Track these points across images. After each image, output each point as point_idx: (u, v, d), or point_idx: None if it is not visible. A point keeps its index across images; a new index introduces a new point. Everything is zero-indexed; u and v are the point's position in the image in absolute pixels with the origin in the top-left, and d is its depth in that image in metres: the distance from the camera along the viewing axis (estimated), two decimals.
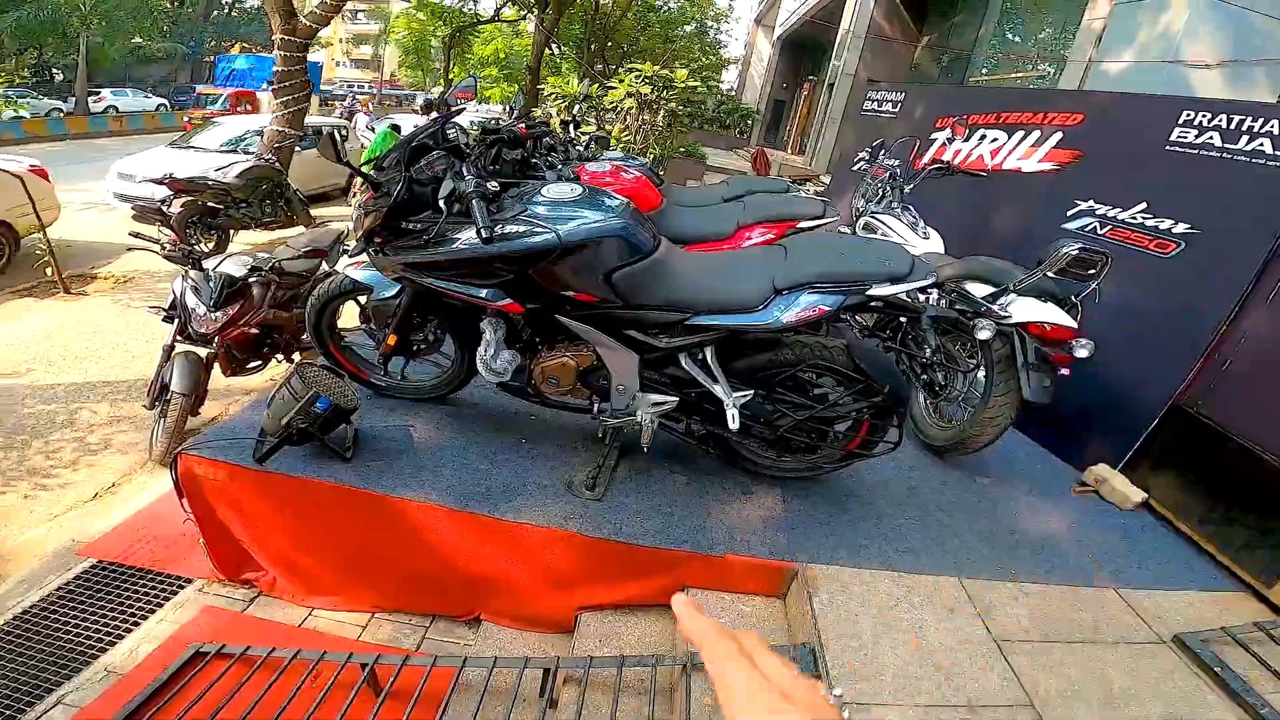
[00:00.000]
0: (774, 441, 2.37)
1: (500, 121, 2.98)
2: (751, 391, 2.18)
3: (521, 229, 1.96)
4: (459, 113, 2.17)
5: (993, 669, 1.92)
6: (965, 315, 2.70)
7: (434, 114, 2.24)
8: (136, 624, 2.52)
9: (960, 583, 2.25)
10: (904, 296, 1.99)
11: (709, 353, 2.13)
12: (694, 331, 2.07)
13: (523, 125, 2.92)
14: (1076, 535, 2.65)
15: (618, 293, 2.01)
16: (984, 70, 11.20)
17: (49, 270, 5.92)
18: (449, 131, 2.20)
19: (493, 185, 2.02)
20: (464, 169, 1.99)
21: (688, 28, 23.62)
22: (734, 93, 27.21)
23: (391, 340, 2.44)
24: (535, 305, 2.12)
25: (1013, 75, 10.60)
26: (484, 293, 2.08)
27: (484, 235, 1.79)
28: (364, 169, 2.12)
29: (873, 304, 2.01)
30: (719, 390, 2.14)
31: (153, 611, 2.58)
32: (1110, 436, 3.02)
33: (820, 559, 2.24)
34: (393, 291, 2.35)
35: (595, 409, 2.29)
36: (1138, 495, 2.83)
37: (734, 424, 2.13)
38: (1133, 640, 2.11)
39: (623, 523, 2.29)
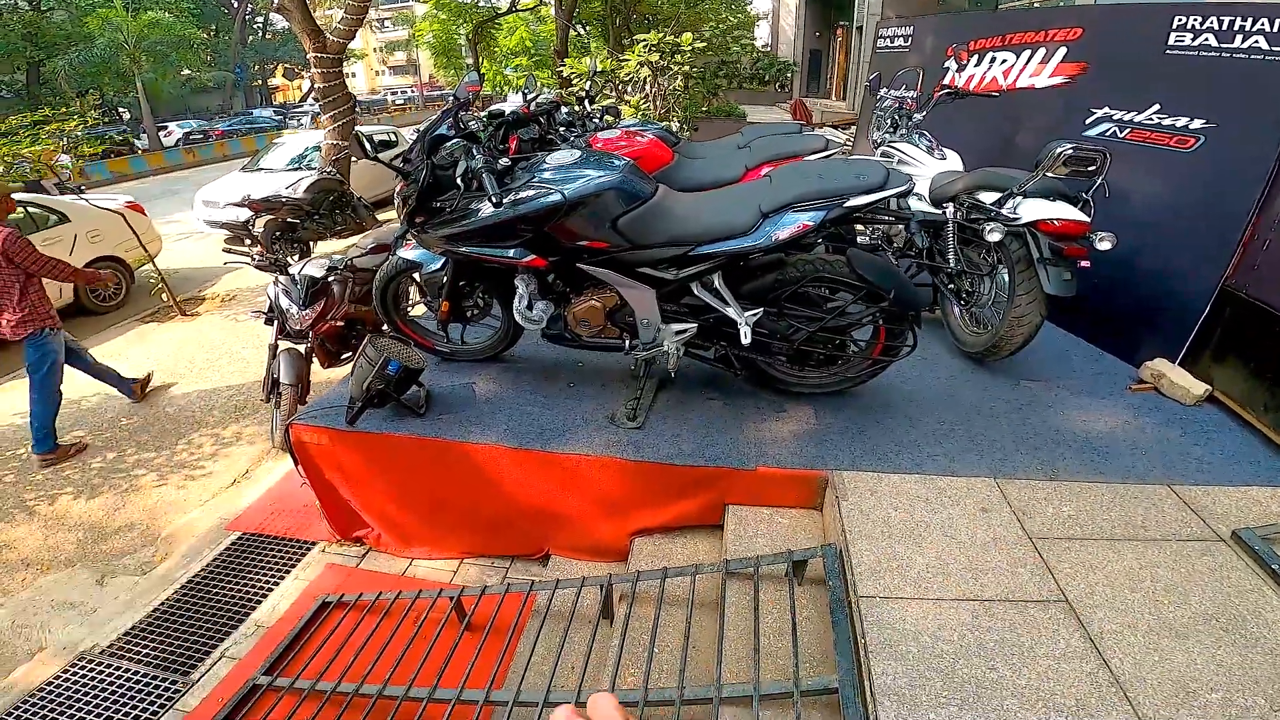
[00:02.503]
0: (795, 356, 2.54)
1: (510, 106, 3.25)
2: (761, 310, 2.38)
3: (532, 193, 2.26)
4: (467, 104, 2.46)
5: (1024, 565, 1.87)
6: (978, 222, 2.77)
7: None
8: (276, 584, 2.98)
9: (995, 483, 2.24)
10: (893, 206, 2.13)
11: (717, 279, 2.35)
12: (698, 261, 2.30)
13: (525, 105, 3.19)
14: (1130, 433, 2.58)
15: (625, 237, 2.27)
16: None
17: (164, 296, 6.66)
18: (469, 122, 2.50)
19: (504, 161, 2.32)
20: (475, 150, 2.28)
21: None
22: (768, 48, 26.39)
23: (445, 307, 2.79)
24: (557, 258, 2.40)
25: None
26: (511, 252, 2.39)
27: (494, 202, 2.09)
28: (394, 162, 2.44)
29: (855, 215, 2.17)
30: (731, 311, 2.36)
31: (288, 572, 3.05)
32: (1165, 330, 2.97)
33: (852, 467, 2.34)
34: (439, 264, 2.70)
35: (627, 345, 2.55)
36: (1200, 388, 2.72)
37: (746, 339, 2.34)
38: (1184, 537, 2.00)
39: (662, 447, 2.51)
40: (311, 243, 7.67)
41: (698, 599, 2.08)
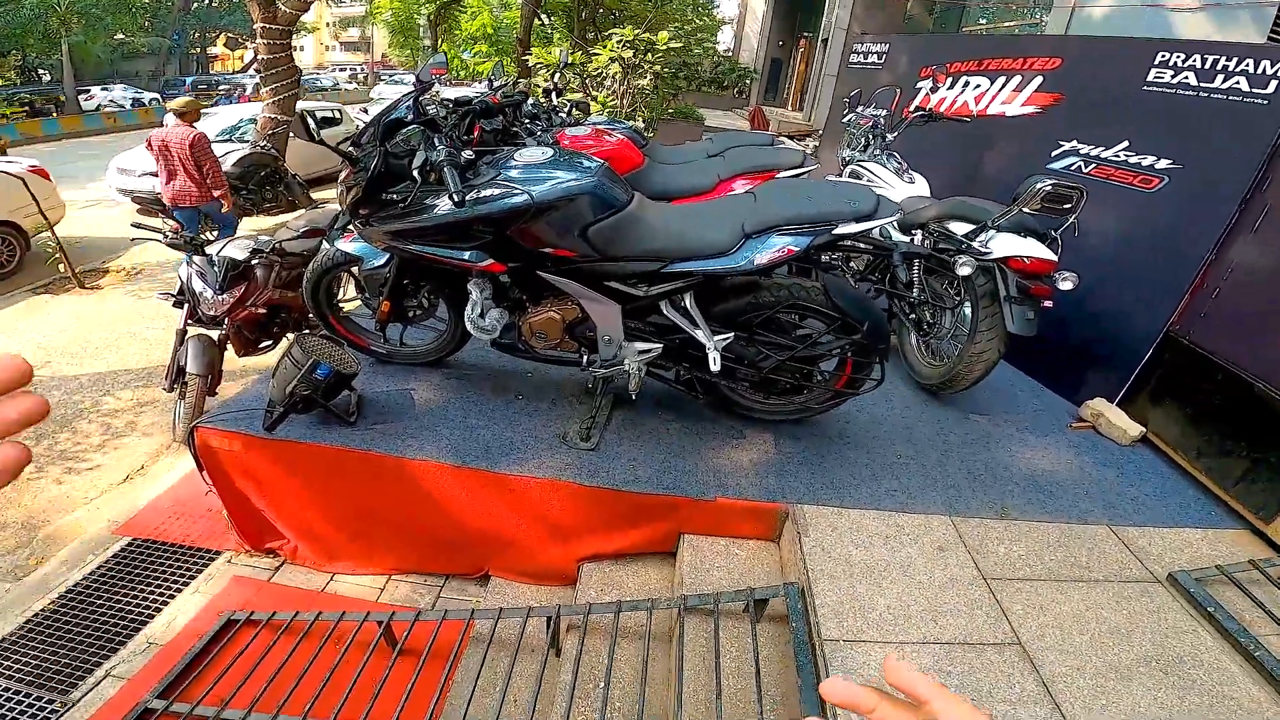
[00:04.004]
0: (760, 383, 2.44)
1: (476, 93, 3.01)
2: (732, 334, 2.25)
3: (497, 192, 2.04)
4: (429, 87, 2.22)
5: (980, 606, 1.92)
6: (948, 253, 2.73)
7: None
8: (172, 597, 2.69)
9: (951, 520, 2.27)
10: (876, 234, 2.03)
11: (688, 299, 2.20)
12: (671, 279, 2.14)
13: (494, 95, 2.96)
14: (1072, 471, 2.65)
15: (594, 247, 2.08)
16: (981, 20, 10.92)
17: (61, 267, 6.07)
18: (427, 106, 2.25)
19: (467, 154, 2.08)
20: (436, 139, 2.05)
21: None
22: (730, 53, 26.63)
23: (385, 307, 2.53)
24: (517, 264, 2.20)
25: (1006, 24, 10.35)
26: (467, 255, 2.16)
27: (456, 199, 1.87)
28: (342, 146, 2.18)
29: (843, 242, 2.06)
30: (700, 335, 2.21)
31: (186, 584, 2.75)
32: (1106, 370, 3.04)
33: (811, 500, 2.30)
34: (382, 260, 2.43)
35: (584, 360, 2.38)
36: (1135, 429, 2.82)
37: (715, 366, 2.21)
38: (1125, 579, 2.08)
39: (616, 471, 2.37)
40: (237, 220, 7.11)
41: (654, 632, 2.00)
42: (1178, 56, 2.76)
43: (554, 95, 4.07)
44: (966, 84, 3.85)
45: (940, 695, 0.44)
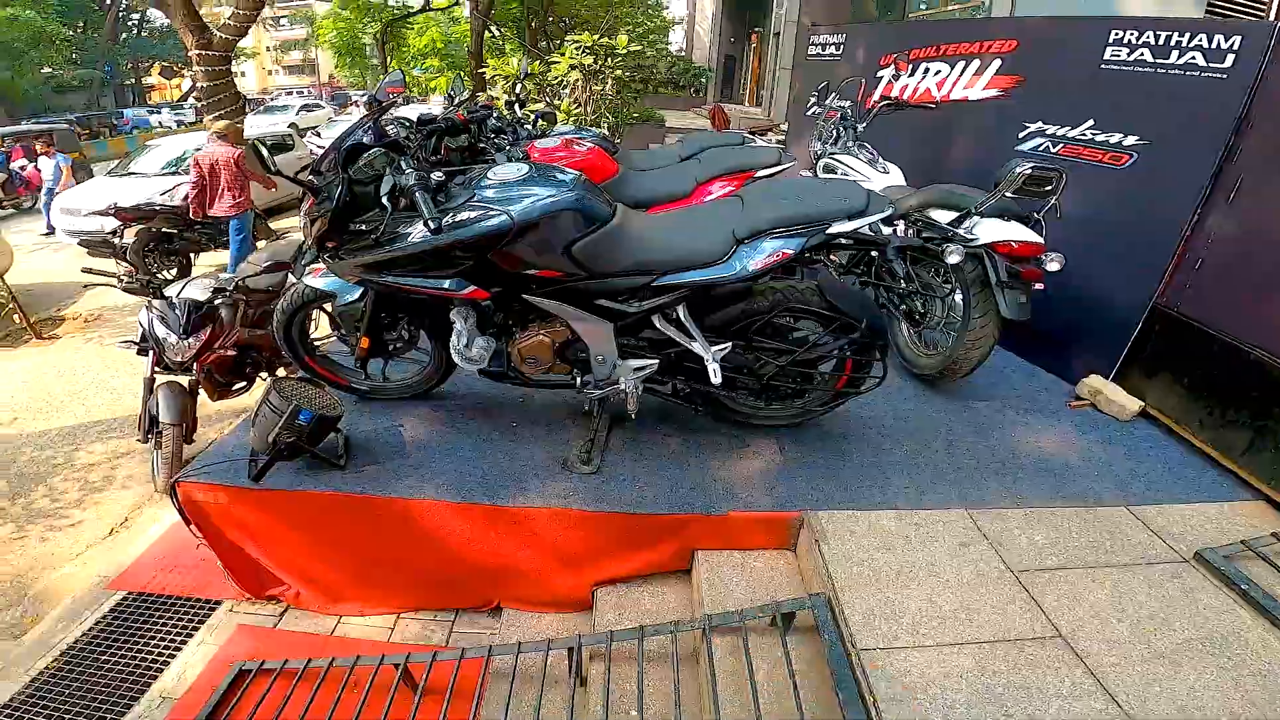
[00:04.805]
0: (760, 390, 2.38)
1: (441, 110, 2.90)
2: (730, 344, 2.19)
3: (474, 214, 1.93)
4: (389, 108, 2.11)
5: (1012, 601, 1.88)
6: (933, 242, 2.71)
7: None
8: (179, 649, 2.60)
9: (968, 513, 2.24)
10: (866, 230, 1.99)
11: (681, 311, 2.13)
12: (662, 292, 2.07)
13: (460, 111, 2.85)
14: (1079, 452, 2.63)
15: (580, 264, 2.00)
16: (922, 6, 11.09)
17: (16, 318, 5.82)
18: (388, 127, 2.15)
19: (437, 175, 1.98)
20: (403, 163, 1.94)
21: None
22: (683, 53, 26.73)
23: (364, 343, 2.41)
24: (501, 289, 2.10)
25: (950, 8, 10.51)
26: (447, 283, 2.06)
27: (432, 226, 1.77)
28: (301, 174, 2.05)
29: (835, 241, 2.01)
30: (697, 347, 2.15)
31: (191, 635, 2.66)
32: (1098, 347, 3.05)
33: (824, 505, 2.25)
34: (356, 295, 2.31)
35: (579, 382, 2.29)
36: (1134, 404, 2.82)
37: (716, 378, 2.14)
38: (1152, 560, 2.06)
39: (622, 493, 2.31)
40: (192, 255, 6.87)
41: (680, 654, 1.95)
42: (1131, 34, 2.79)
43: (517, 107, 3.98)
44: (927, 70, 3.85)
45: None
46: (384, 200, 1.92)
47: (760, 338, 2.24)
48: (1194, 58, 2.57)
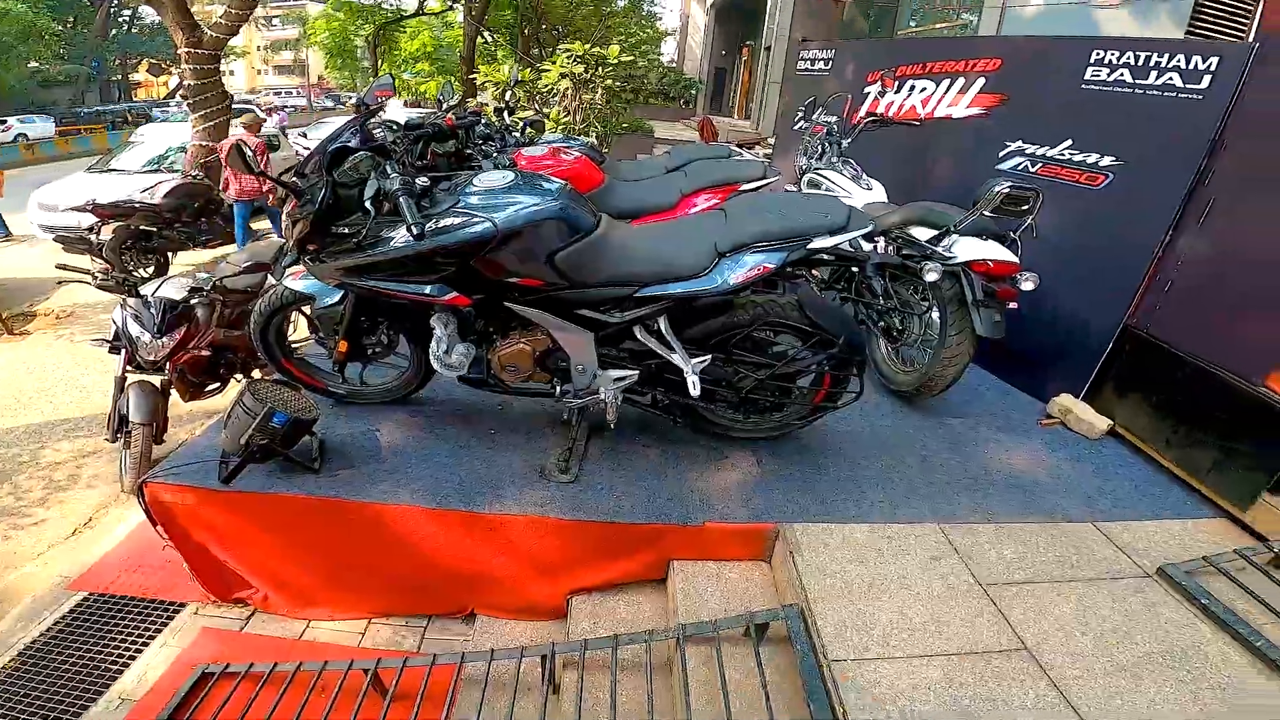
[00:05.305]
0: (739, 403, 2.40)
1: (429, 115, 2.90)
2: (709, 356, 2.20)
3: (457, 221, 1.94)
4: (377, 112, 2.10)
5: (980, 614, 1.91)
6: (912, 259, 2.75)
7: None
8: (139, 651, 2.56)
9: (939, 527, 2.27)
10: (846, 246, 2.02)
11: (662, 322, 2.14)
12: (644, 303, 2.08)
13: (449, 117, 2.85)
14: (1048, 469, 2.68)
15: (562, 274, 2.01)
16: (912, 23, 11.30)
17: None
18: (375, 130, 2.14)
19: (422, 180, 1.98)
20: (388, 167, 1.94)
21: (621, 2, 23.25)
22: (674, 64, 26.95)
23: (343, 347, 2.39)
24: (482, 296, 2.10)
25: (937, 26, 10.72)
26: (428, 289, 2.05)
27: (415, 232, 1.76)
28: (285, 176, 2.04)
29: (816, 257, 2.04)
30: (677, 359, 2.16)
31: (153, 637, 2.62)
32: (1069, 366, 3.10)
33: (799, 517, 2.27)
34: (336, 298, 2.30)
35: (558, 391, 2.29)
36: (1103, 423, 2.88)
37: (695, 390, 2.15)
38: (1117, 575, 2.10)
39: (599, 502, 2.30)
40: (170, 253, 6.77)
41: (654, 663, 1.95)
42: (1112, 54, 2.83)
43: (506, 114, 3.98)
44: (913, 88, 3.92)
45: None
46: (367, 204, 1.92)
47: (740, 351, 2.26)
48: (1171, 79, 2.62)
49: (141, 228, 6.37)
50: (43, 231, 7.90)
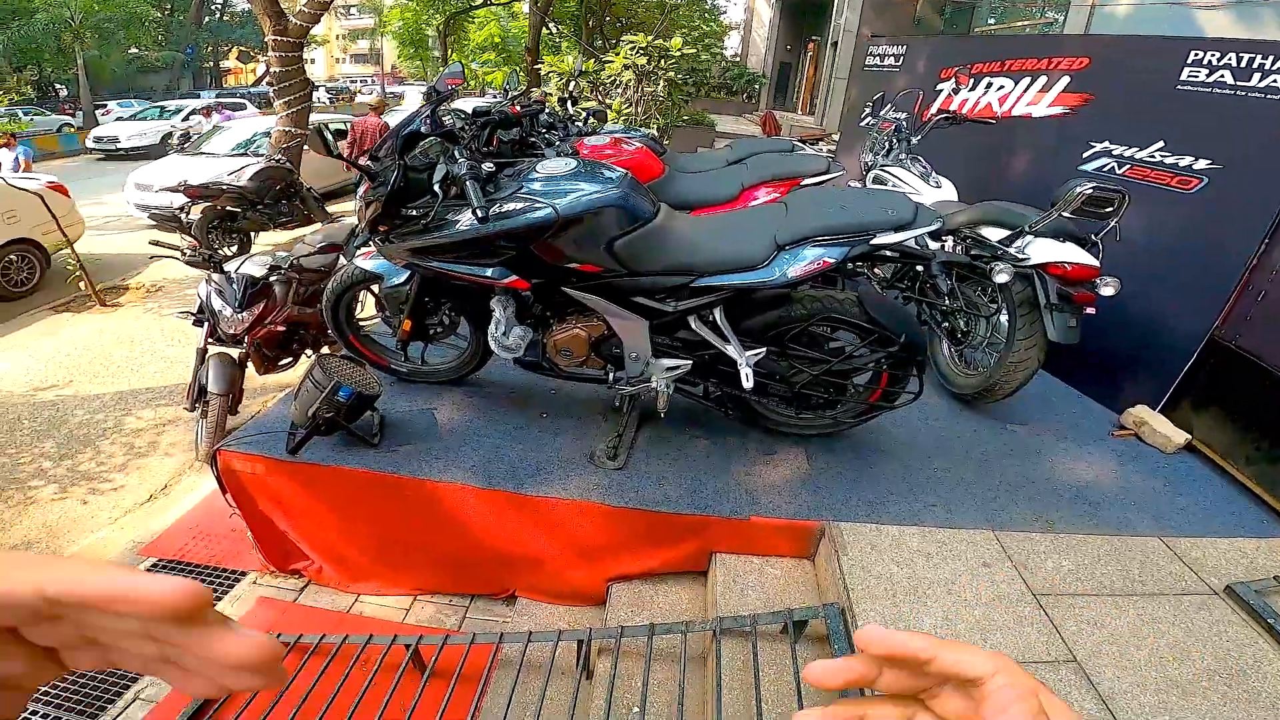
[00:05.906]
0: (792, 398, 2.37)
1: (495, 103, 2.97)
2: (764, 349, 2.18)
3: (519, 206, 1.98)
4: (448, 98, 2.17)
5: (1030, 623, 1.84)
6: (981, 259, 2.65)
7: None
8: None
9: (995, 535, 2.18)
10: (911, 243, 1.96)
11: (718, 313, 2.13)
12: (700, 293, 2.07)
13: (515, 105, 2.91)
14: (1117, 481, 2.57)
15: (620, 261, 2.02)
16: (990, 20, 10.81)
17: (81, 284, 6.09)
18: (444, 117, 2.21)
19: (487, 166, 2.03)
20: (456, 152, 2.00)
21: None
22: (738, 58, 26.62)
23: (407, 326, 2.48)
24: (541, 280, 2.14)
25: (1018, 24, 10.23)
26: (489, 272, 2.11)
27: (480, 215, 1.81)
28: (360, 161, 2.13)
29: (879, 253, 1.99)
30: (731, 350, 2.14)
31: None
32: (1147, 376, 2.94)
33: (847, 517, 2.22)
34: (403, 278, 2.39)
35: (611, 378, 2.31)
36: (1181, 437, 2.73)
37: (748, 383, 2.14)
38: (1181, 591, 2.01)
39: (646, 490, 2.31)
40: (252, 234, 7.16)
41: (688, 654, 1.95)
42: (1212, 55, 2.68)
43: (569, 104, 4.03)
44: (990, 85, 3.77)
45: (942, 648, 0.36)
46: (436, 188, 1.98)
47: (796, 345, 2.22)
48: (1275, 80, 2.47)
49: (228, 208, 6.76)
50: (138, 210, 8.47)
